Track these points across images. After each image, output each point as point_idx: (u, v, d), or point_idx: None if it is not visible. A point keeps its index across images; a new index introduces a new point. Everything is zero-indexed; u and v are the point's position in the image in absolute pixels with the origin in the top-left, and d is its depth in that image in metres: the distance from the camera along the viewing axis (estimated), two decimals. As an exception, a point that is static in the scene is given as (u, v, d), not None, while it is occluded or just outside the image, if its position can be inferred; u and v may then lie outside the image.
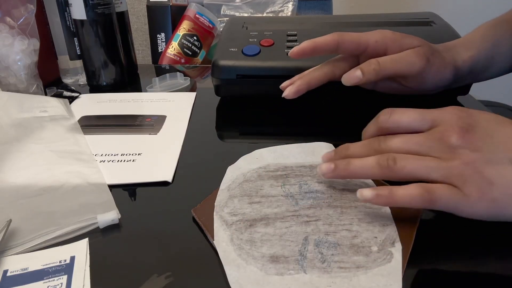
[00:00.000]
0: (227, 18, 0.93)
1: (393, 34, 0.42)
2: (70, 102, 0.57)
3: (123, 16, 0.67)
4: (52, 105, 0.54)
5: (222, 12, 0.99)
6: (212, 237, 0.30)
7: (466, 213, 0.29)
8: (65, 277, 0.28)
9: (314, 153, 0.40)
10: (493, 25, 0.48)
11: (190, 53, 0.83)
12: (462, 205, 0.28)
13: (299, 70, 0.52)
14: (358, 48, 0.42)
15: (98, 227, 0.33)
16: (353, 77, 0.40)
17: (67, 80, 0.67)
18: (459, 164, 0.29)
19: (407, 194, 0.29)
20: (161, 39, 0.90)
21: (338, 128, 0.50)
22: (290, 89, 0.44)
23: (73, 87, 0.62)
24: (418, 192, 0.28)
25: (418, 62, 0.41)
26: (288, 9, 0.97)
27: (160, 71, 0.75)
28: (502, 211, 0.28)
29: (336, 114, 0.52)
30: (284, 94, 0.44)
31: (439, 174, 0.29)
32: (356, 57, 0.44)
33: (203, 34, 0.85)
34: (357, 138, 0.36)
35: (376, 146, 0.32)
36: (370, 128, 0.35)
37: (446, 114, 0.31)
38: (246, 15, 0.97)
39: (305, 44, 0.42)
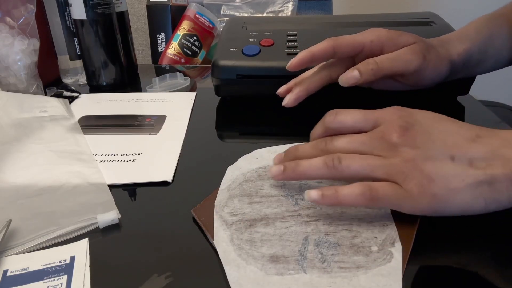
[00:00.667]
0: (227, 18, 0.93)
1: (387, 32, 0.42)
2: (70, 102, 0.57)
3: (123, 16, 0.67)
4: (52, 105, 0.54)
5: (222, 12, 0.99)
6: (212, 237, 0.30)
7: (408, 209, 0.30)
8: (65, 277, 0.28)
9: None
10: (488, 18, 0.48)
11: (190, 53, 0.83)
12: (404, 202, 0.29)
13: (299, 71, 0.52)
14: (354, 50, 0.42)
15: (98, 227, 0.33)
16: (350, 77, 0.40)
17: (67, 80, 0.67)
18: (400, 161, 0.29)
19: (350, 193, 0.29)
20: (161, 39, 0.90)
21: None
22: (289, 97, 0.44)
23: (73, 87, 0.62)
24: (361, 191, 0.29)
25: (415, 59, 0.41)
26: (288, 9, 0.97)
27: (160, 71, 0.75)
28: (443, 206, 0.29)
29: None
30: (283, 103, 0.44)
31: (381, 172, 0.30)
32: (352, 58, 0.44)
33: (203, 34, 0.85)
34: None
35: (322, 146, 0.33)
36: (317, 129, 0.36)
37: (388, 114, 0.32)
38: (246, 15, 0.97)
39: (302, 55, 0.42)
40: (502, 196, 0.28)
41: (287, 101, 0.44)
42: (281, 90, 0.47)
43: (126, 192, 0.38)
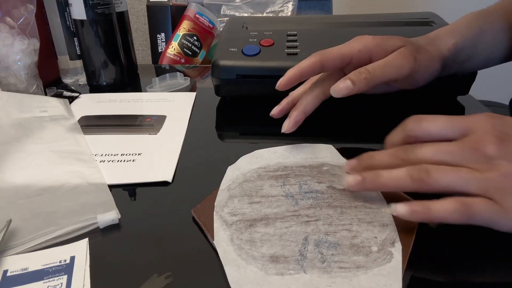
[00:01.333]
0: (227, 18, 0.93)
1: (373, 38, 0.41)
2: (70, 102, 0.57)
3: (123, 16, 0.67)
4: (52, 105, 0.54)
5: (222, 12, 0.99)
6: (212, 237, 0.30)
7: (506, 228, 0.28)
8: (65, 277, 0.28)
9: (314, 153, 0.40)
10: (479, 14, 0.47)
11: (190, 53, 0.83)
12: (502, 220, 0.27)
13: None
14: (343, 62, 0.41)
15: (98, 227, 0.33)
16: (343, 88, 0.38)
17: (67, 80, 0.67)
18: (497, 176, 0.27)
19: (443, 209, 0.28)
20: (161, 39, 0.90)
21: (338, 129, 0.50)
22: (288, 123, 0.41)
23: (73, 87, 0.62)
24: (455, 207, 0.27)
25: (407, 64, 0.40)
26: (288, 9, 0.97)
27: (160, 71, 0.75)
28: None
29: (336, 115, 0.52)
30: (283, 130, 0.42)
31: (476, 187, 0.28)
32: (342, 70, 0.43)
33: (203, 34, 0.85)
34: (356, 138, 0.36)
35: (403, 155, 0.31)
36: (396, 135, 0.33)
37: (479, 122, 0.30)
38: (246, 15, 0.97)
39: (290, 73, 0.41)
40: None
41: (286, 128, 0.41)
42: (274, 112, 0.45)
43: (126, 192, 0.38)
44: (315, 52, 0.41)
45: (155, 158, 0.43)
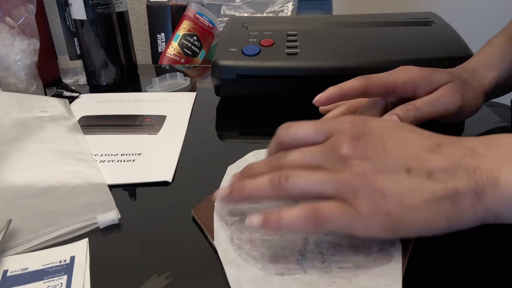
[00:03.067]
0: (227, 18, 0.93)
1: (419, 71, 0.40)
2: (70, 102, 0.57)
3: (123, 16, 0.67)
4: (52, 105, 0.54)
5: (222, 12, 0.99)
6: (212, 237, 0.30)
7: (360, 231, 0.26)
8: (65, 277, 0.28)
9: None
10: (507, 40, 0.46)
11: (190, 53, 0.83)
12: (354, 223, 0.26)
13: (299, 71, 0.52)
14: (387, 91, 0.40)
15: (98, 227, 0.33)
16: None
17: (67, 80, 0.67)
18: (349, 175, 0.26)
19: (294, 217, 0.26)
20: (161, 39, 0.90)
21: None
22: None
23: (73, 87, 0.62)
24: (305, 214, 0.26)
25: (455, 102, 0.39)
26: (288, 9, 0.97)
27: (160, 71, 0.75)
28: (399, 226, 0.26)
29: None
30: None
31: (330, 189, 0.27)
32: (383, 99, 0.42)
33: (203, 34, 0.85)
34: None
35: (275, 163, 0.30)
36: (271, 144, 0.33)
37: (341, 124, 0.29)
38: (246, 15, 0.97)
39: (332, 91, 0.39)
40: (466, 213, 0.25)
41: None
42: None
43: (126, 192, 0.38)
44: (360, 76, 0.39)
45: (155, 158, 0.43)
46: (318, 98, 0.40)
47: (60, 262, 0.29)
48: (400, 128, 0.29)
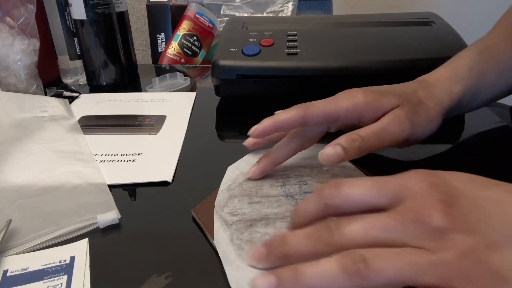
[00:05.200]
0: (227, 18, 0.93)
1: (364, 96, 0.36)
2: (70, 102, 0.57)
3: (123, 16, 0.67)
4: (52, 105, 0.54)
5: (222, 12, 0.99)
6: (212, 237, 0.30)
7: None
8: (65, 277, 0.28)
9: (314, 154, 0.40)
10: (477, 53, 0.43)
11: (190, 53, 0.83)
12: None
13: (299, 71, 0.52)
14: (327, 121, 0.36)
15: (98, 227, 0.33)
16: (333, 155, 0.32)
17: (67, 80, 0.67)
18: (456, 256, 0.21)
19: None
20: (161, 39, 0.90)
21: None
22: (254, 170, 0.36)
23: (73, 87, 0.62)
24: None
25: (402, 131, 0.35)
26: (288, 9, 0.97)
27: (160, 71, 0.75)
28: None
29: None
30: (248, 175, 0.37)
31: (431, 275, 0.21)
32: (326, 125, 0.38)
33: (203, 34, 0.85)
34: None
35: (326, 237, 0.24)
36: (310, 205, 0.26)
37: (412, 182, 0.24)
38: (246, 15, 0.97)
39: (266, 123, 0.35)
40: None
41: (252, 174, 0.36)
42: (247, 143, 0.39)
43: (126, 192, 0.38)
44: (298, 105, 0.35)
45: (155, 158, 0.43)
46: (253, 131, 0.36)
47: (60, 262, 0.29)
48: (486, 184, 0.24)
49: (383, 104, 0.35)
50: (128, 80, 0.66)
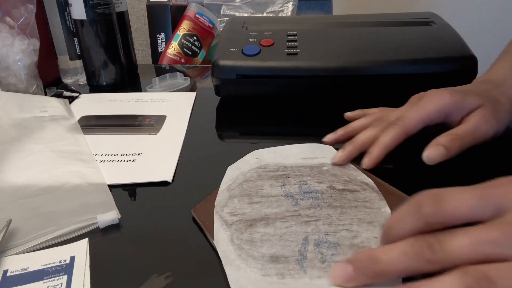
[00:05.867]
0: (227, 18, 0.93)
1: (451, 97, 0.38)
2: (70, 102, 0.57)
3: (123, 16, 0.67)
4: (52, 105, 0.54)
5: (222, 12, 0.99)
6: (212, 237, 0.30)
7: None
8: (65, 277, 0.28)
9: (314, 153, 0.40)
10: None
11: (190, 53, 0.83)
12: None
13: (299, 71, 0.52)
14: (423, 126, 0.39)
15: (98, 227, 0.33)
16: (438, 155, 0.35)
17: (67, 80, 0.67)
18: None
19: None
20: (161, 39, 0.90)
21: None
22: (340, 156, 0.39)
23: (73, 87, 0.62)
24: None
25: (491, 128, 0.38)
26: (288, 9, 0.97)
27: (160, 71, 0.75)
28: None
29: (336, 116, 0.52)
30: (334, 161, 0.39)
31: None
32: None
33: (203, 34, 0.85)
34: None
35: (428, 255, 0.23)
36: (407, 223, 0.25)
37: None
38: (246, 15, 0.97)
39: (376, 151, 0.38)
40: None
41: (337, 160, 0.39)
42: (328, 139, 0.42)
43: (126, 192, 0.38)
44: (393, 124, 0.39)
45: (155, 158, 0.43)
46: (367, 162, 0.38)
47: (60, 262, 0.29)
48: None
49: (468, 104, 0.39)
50: (128, 80, 0.66)
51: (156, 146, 0.45)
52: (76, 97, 0.60)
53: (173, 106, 0.56)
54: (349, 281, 0.24)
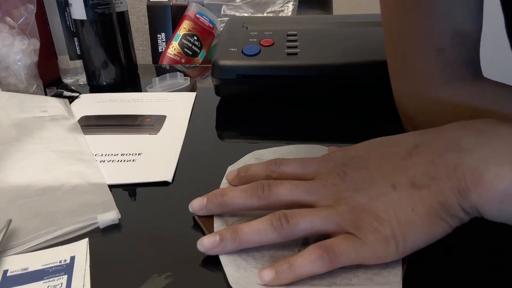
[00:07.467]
0: (227, 18, 0.93)
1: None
2: (70, 102, 0.57)
3: (123, 16, 0.67)
4: (52, 105, 0.54)
5: (222, 12, 0.99)
6: (212, 237, 0.30)
7: (371, 261, 0.26)
8: (65, 277, 0.28)
9: (313, 154, 0.40)
10: None
11: (190, 53, 0.83)
12: (364, 253, 0.25)
13: (299, 70, 0.52)
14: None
15: (98, 227, 0.33)
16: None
17: (67, 80, 0.67)
18: (347, 207, 0.27)
19: (306, 262, 0.25)
20: (161, 39, 0.90)
21: (338, 130, 0.50)
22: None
23: (73, 87, 0.62)
24: (318, 254, 0.25)
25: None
26: (288, 9, 0.97)
27: (160, 71, 0.75)
28: (405, 245, 0.25)
29: (336, 116, 0.52)
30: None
31: (332, 223, 0.27)
32: None
33: (203, 34, 0.85)
34: (352, 140, 0.36)
35: (260, 193, 0.30)
36: (254, 171, 0.33)
37: (326, 159, 0.31)
38: (246, 15, 0.97)
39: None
40: (458, 211, 0.25)
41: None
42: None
43: (126, 192, 0.38)
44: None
45: (155, 158, 0.43)
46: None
47: (60, 262, 0.29)
48: (376, 144, 0.30)
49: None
50: (128, 80, 0.66)
51: (156, 146, 0.45)
52: (76, 97, 0.59)
53: (173, 106, 0.56)
54: (202, 209, 0.32)
